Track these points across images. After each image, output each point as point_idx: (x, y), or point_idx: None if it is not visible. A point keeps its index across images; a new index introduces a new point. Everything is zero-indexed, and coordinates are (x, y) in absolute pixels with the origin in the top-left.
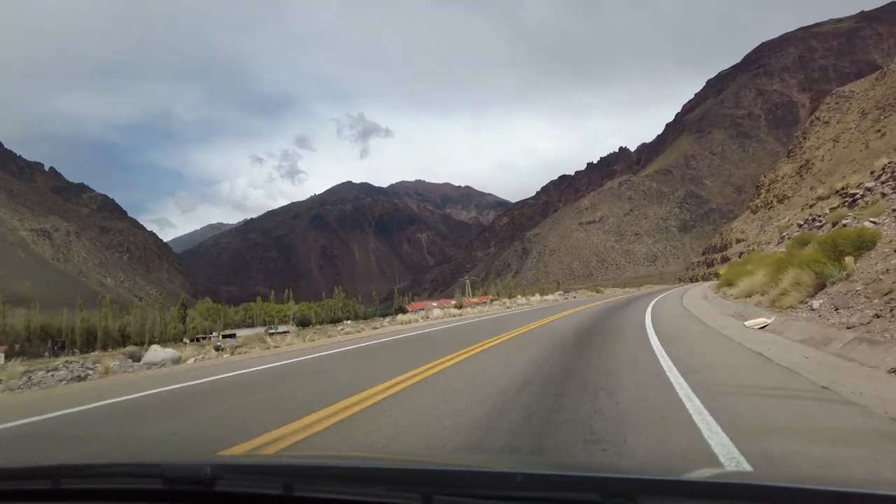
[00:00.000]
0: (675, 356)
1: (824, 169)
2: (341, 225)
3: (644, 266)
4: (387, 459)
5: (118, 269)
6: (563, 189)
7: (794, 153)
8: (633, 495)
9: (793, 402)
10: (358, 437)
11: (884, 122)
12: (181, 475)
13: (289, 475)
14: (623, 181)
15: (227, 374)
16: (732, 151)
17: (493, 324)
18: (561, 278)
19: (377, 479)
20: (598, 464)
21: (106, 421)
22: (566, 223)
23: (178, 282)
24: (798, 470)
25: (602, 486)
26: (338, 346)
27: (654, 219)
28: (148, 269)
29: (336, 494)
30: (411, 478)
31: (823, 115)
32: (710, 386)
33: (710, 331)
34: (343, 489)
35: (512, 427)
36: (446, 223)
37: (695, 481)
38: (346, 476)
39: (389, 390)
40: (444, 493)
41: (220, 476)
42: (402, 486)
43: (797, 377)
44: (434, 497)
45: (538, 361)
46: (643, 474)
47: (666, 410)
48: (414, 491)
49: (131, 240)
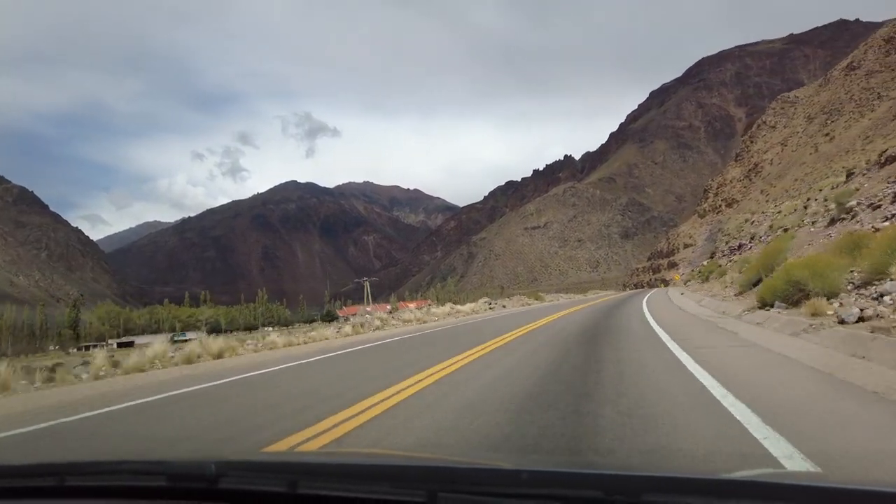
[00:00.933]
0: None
1: (774, 172)
2: (284, 225)
3: (587, 272)
4: (392, 456)
5: (33, 268)
6: (510, 195)
7: (742, 157)
8: (637, 492)
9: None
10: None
11: (831, 126)
12: (185, 472)
13: (293, 472)
14: (568, 188)
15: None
16: (673, 161)
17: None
18: (506, 283)
19: (382, 476)
20: (603, 461)
21: None
22: (512, 228)
23: (104, 282)
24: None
25: (606, 483)
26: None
27: (597, 225)
28: (70, 267)
29: (341, 492)
30: (416, 475)
31: (770, 120)
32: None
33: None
34: (348, 486)
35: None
36: (394, 226)
37: (698, 478)
38: (351, 473)
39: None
40: (448, 489)
41: (224, 473)
42: (407, 483)
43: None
44: (439, 494)
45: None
46: (646, 471)
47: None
48: (419, 488)
49: (51, 236)
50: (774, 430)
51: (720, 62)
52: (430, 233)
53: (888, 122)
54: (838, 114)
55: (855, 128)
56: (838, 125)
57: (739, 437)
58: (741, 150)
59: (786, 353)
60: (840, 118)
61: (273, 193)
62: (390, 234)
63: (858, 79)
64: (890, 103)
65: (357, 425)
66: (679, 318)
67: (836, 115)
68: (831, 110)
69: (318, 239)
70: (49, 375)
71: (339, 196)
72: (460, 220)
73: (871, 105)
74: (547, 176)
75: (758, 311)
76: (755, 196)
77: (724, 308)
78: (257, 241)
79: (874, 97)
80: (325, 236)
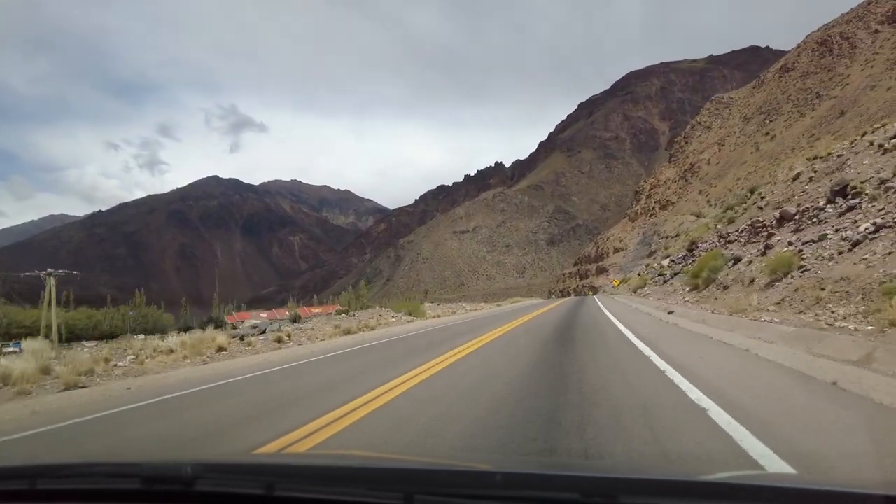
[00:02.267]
0: None
1: (712, 172)
2: (204, 223)
3: (513, 277)
4: (369, 458)
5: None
6: (442, 199)
7: (677, 157)
8: (614, 494)
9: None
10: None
11: (770, 125)
12: (160, 475)
13: (271, 475)
14: (497, 193)
15: None
16: (599, 171)
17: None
18: (432, 287)
19: (359, 478)
20: (581, 463)
21: None
22: (441, 231)
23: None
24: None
25: (582, 486)
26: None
27: (525, 231)
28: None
29: (318, 494)
30: (393, 477)
31: (705, 120)
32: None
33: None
34: (325, 489)
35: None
36: (322, 227)
37: (673, 480)
38: (329, 475)
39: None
40: (425, 492)
41: (201, 475)
42: (384, 485)
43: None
44: (415, 496)
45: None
46: (623, 473)
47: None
48: (396, 490)
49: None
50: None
51: (647, 77)
52: (359, 235)
53: (833, 120)
54: (776, 113)
55: (797, 126)
56: (778, 124)
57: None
58: (675, 151)
59: None
60: (779, 118)
61: (193, 189)
62: (318, 235)
63: (794, 80)
64: (832, 102)
65: None
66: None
67: (774, 114)
68: (769, 110)
69: (240, 238)
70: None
71: (265, 194)
72: (390, 223)
73: (811, 104)
74: (478, 181)
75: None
76: (693, 196)
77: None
78: (174, 238)
79: (812, 97)
80: (248, 235)
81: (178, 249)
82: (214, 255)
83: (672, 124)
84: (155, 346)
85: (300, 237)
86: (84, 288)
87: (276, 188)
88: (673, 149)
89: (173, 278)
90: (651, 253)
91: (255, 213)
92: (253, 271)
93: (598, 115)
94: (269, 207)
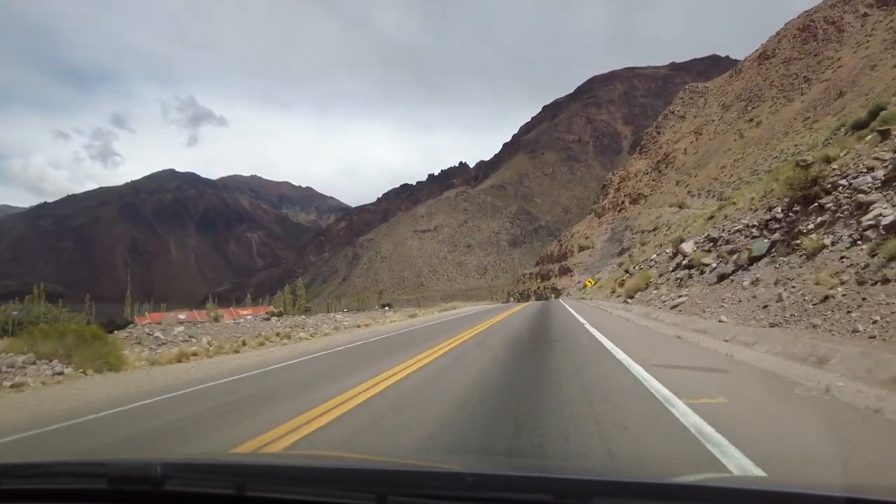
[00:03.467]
0: None
1: (690, 162)
2: (158, 217)
3: (474, 278)
4: (343, 459)
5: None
6: (405, 198)
7: (648, 149)
8: (587, 496)
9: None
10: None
11: (753, 112)
12: (128, 475)
13: (242, 475)
14: (460, 192)
15: None
16: (562, 173)
17: None
18: (390, 287)
19: (331, 479)
20: (553, 465)
21: None
22: (401, 230)
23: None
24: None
25: (555, 487)
26: None
27: (487, 232)
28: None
29: (289, 494)
30: (365, 478)
31: (678, 110)
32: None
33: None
34: (296, 489)
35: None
36: (281, 224)
37: (646, 483)
38: (300, 476)
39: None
40: (397, 493)
41: (170, 475)
42: (356, 485)
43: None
44: (388, 497)
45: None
46: (596, 475)
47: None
48: (368, 491)
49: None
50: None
51: (610, 81)
52: (318, 233)
53: (830, 102)
54: (759, 100)
55: (786, 111)
56: (762, 111)
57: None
58: (646, 142)
59: None
60: (762, 104)
61: (148, 182)
62: (277, 232)
63: (775, 67)
64: (825, 85)
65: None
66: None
67: (756, 101)
68: (750, 97)
69: (195, 234)
70: None
71: (223, 189)
72: (351, 221)
73: (798, 89)
74: (442, 181)
75: None
76: (669, 188)
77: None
78: (125, 232)
79: (800, 82)
80: (204, 231)
81: (129, 244)
82: (167, 251)
83: (634, 128)
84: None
85: (258, 234)
86: (26, 283)
87: (234, 183)
88: (644, 140)
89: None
90: (623, 251)
91: (211, 209)
92: (208, 268)
93: (561, 118)
94: (226, 203)
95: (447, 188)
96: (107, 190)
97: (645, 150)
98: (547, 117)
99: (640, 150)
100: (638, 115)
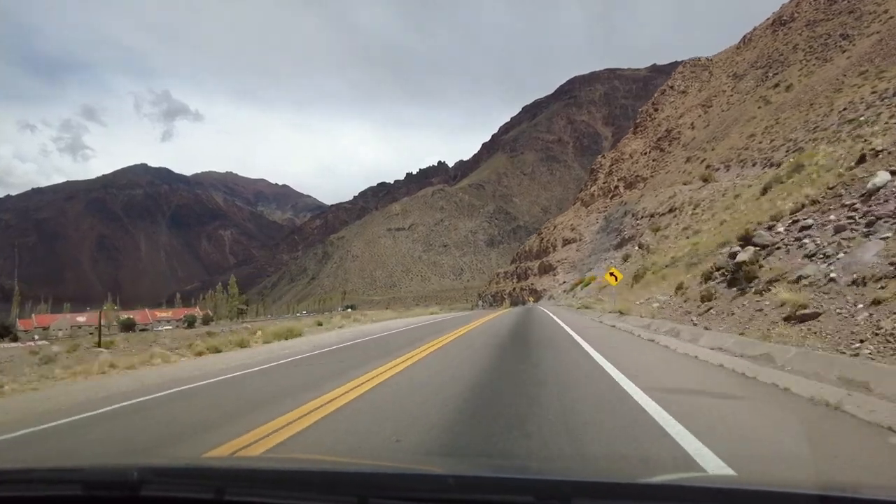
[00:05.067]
0: None
1: (702, 136)
2: (128, 213)
3: (450, 279)
4: (323, 462)
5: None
6: (382, 196)
7: (644, 127)
8: (567, 497)
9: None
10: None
11: (777, 77)
12: (104, 480)
13: (220, 479)
14: (437, 190)
15: None
16: (541, 173)
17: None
18: (361, 287)
19: (311, 482)
20: (534, 466)
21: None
22: (375, 228)
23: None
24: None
25: (536, 488)
26: None
27: (464, 231)
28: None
29: (269, 499)
30: (345, 481)
31: (678, 85)
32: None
33: None
34: (276, 493)
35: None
36: (256, 222)
37: (627, 483)
38: (280, 480)
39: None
40: (378, 495)
41: (147, 480)
42: (337, 488)
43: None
44: (369, 500)
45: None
46: (576, 476)
47: None
48: (349, 494)
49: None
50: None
51: (591, 82)
52: (292, 230)
53: (893, 53)
54: (782, 65)
55: (824, 72)
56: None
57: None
58: (641, 121)
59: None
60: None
61: (119, 176)
62: (251, 230)
63: (797, 31)
64: (874, 38)
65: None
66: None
67: (778, 66)
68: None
69: (166, 230)
70: None
71: (197, 185)
72: (326, 219)
73: (838, 47)
74: (420, 180)
75: None
76: (678, 166)
77: None
78: (92, 228)
79: (837, 40)
80: (176, 228)
81: (97, 240)
82: (137, 248)
83: (615, 130)
84: None
85: (231, 232)
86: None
87: (209, 180)
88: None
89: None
90: (624, 241)
91: (184, 205)
92: (178, 266)
93: (541, 118)
94: (200, 200)
95: (425, 187)
96: (74, 184)
97: (641, 129)
98: (527, 117)
99: (635, 130)
100: (619, 116)
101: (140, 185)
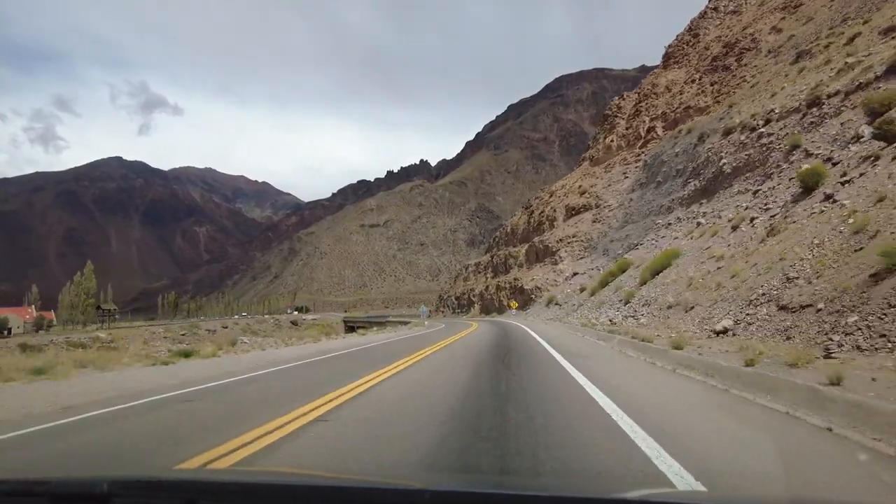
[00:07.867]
0: None
1: (803, 34)
2: (100, 206)
3: (426, 280)
4: (298, 476)
5: None
6: (361, 194)
7: (682, 55)
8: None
9: None
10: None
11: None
12: (71, 492)
13: (191, 491)
14: (416, 185)
15: None
16: (526, 172)
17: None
18: (328, 287)
19: (285, 496)
20: (509, 481)
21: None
22: (347, 224)
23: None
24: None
25: (512, 503)
26: None
27: (443, 229)
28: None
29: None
30: (315, 494)
31: (724, 6)
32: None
33: None
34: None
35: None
36: (234, 219)
37: (599, 499)
38: (252, 492)
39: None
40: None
41: (117, 493)
42: (311, 502)
43: None
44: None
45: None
46: (551, 492)
47: None
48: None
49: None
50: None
51: (579, 81)
52: (266, 228)
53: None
54: None
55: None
56: None
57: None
58: (673, 51)
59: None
60: None
61: (91, 169)
62: (227, 227)
63: None
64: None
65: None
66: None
67: None
68: None
69: (138, 225)
70: None
71: (173, 180)
72: (303, 217)
73: None
74: (401, 178)
75: None
76: (779, 69)
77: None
78: (60, 221)
79: None
80: (149, 223)
81: (65, 234)
82: (107, 243)
83: None
84: None
85: (207, 228)
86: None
87: (186, 175)
88: (668, 49)
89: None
90: (718, 178)
91: (159, 200)
92: (150, 262)
93: (527, 116)
94: (176, 195)
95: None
96: (43, 175)
97: (676, 59)
98: (512, 115)
99: (668, 61)
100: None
101: (113, 179)
